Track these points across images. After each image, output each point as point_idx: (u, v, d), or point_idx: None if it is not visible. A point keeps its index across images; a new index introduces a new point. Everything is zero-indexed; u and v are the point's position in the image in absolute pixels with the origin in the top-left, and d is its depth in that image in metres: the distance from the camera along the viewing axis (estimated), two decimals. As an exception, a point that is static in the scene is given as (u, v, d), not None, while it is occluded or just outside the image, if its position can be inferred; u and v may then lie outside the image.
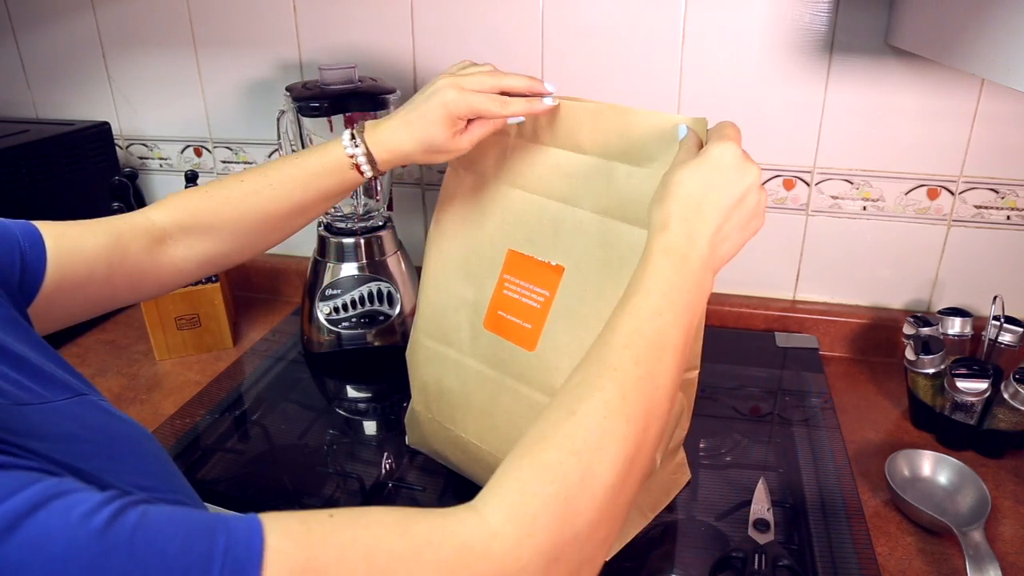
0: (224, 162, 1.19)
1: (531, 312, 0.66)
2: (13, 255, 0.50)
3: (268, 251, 0.68)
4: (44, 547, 0.28)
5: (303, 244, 0.93)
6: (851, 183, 0.97)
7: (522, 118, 0.63)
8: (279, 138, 0.94)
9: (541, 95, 0.62)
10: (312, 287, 0.94)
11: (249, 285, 1.20)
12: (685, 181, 0.49)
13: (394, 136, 0.62)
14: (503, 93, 0.62)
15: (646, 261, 0.48)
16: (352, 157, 0.62)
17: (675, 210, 0.49)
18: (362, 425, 0.88)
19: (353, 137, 0.62)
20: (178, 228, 0.62)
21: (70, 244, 0.54)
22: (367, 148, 0.62)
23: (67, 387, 0.46)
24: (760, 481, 0.72)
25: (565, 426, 0.40)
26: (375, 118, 0.91)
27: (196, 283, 0.99)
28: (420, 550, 0.34)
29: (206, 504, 0.57)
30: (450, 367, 0.72)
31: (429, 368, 0.74)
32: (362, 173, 0.63)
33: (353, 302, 0.93)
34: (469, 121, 0.62)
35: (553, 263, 0.64)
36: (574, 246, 0.63)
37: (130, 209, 0.99)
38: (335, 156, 0.63)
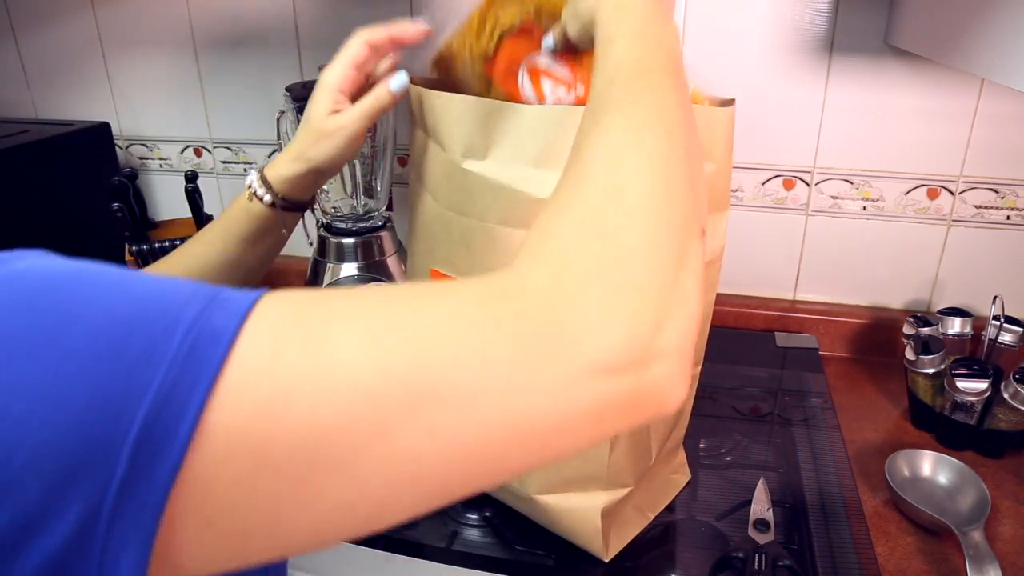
0: (224, 162, 1.19)
1: None
2: None
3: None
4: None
5: (303, 244, 0.93)
6: (851, 183, 0.97)
7: (403, 80, 0.60)
8: (279, 138, 0.94)
9: (403, 41, 0.61)
10: (312, 287, 0.94)
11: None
12: None
13: (282, 155, 0.62)
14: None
15: (604, 43, 0.46)
16: (249, 187, 0.62)
17: None
18: (362, 425, 0.88)
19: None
20: None
21: None
22: (261, 172, 0.62)
23: None
24: (760, 481, 0.72)
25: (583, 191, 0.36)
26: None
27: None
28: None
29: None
30: None
31: None
32: (260, 199, 0.61)
33: (353, 302, 0.93)
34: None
35: None
36: (494, 264, 0.54)
37: (130, 210, 1.00)
38: (241, 195, 0.62)
